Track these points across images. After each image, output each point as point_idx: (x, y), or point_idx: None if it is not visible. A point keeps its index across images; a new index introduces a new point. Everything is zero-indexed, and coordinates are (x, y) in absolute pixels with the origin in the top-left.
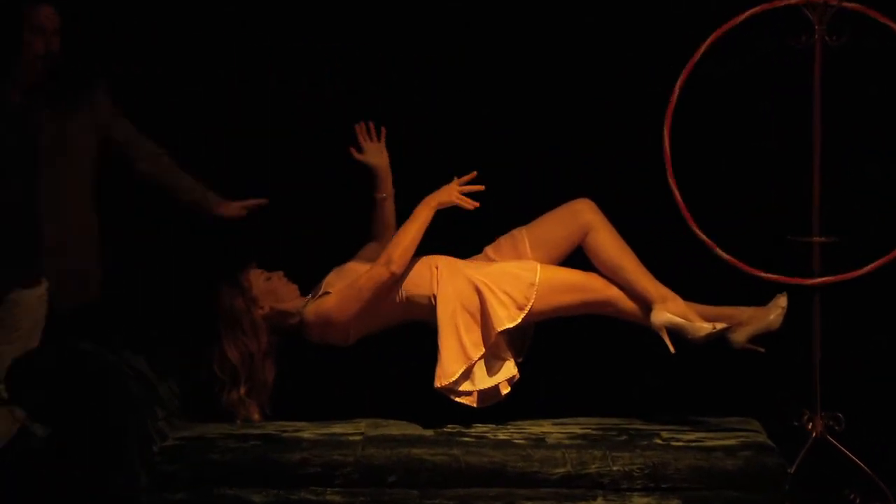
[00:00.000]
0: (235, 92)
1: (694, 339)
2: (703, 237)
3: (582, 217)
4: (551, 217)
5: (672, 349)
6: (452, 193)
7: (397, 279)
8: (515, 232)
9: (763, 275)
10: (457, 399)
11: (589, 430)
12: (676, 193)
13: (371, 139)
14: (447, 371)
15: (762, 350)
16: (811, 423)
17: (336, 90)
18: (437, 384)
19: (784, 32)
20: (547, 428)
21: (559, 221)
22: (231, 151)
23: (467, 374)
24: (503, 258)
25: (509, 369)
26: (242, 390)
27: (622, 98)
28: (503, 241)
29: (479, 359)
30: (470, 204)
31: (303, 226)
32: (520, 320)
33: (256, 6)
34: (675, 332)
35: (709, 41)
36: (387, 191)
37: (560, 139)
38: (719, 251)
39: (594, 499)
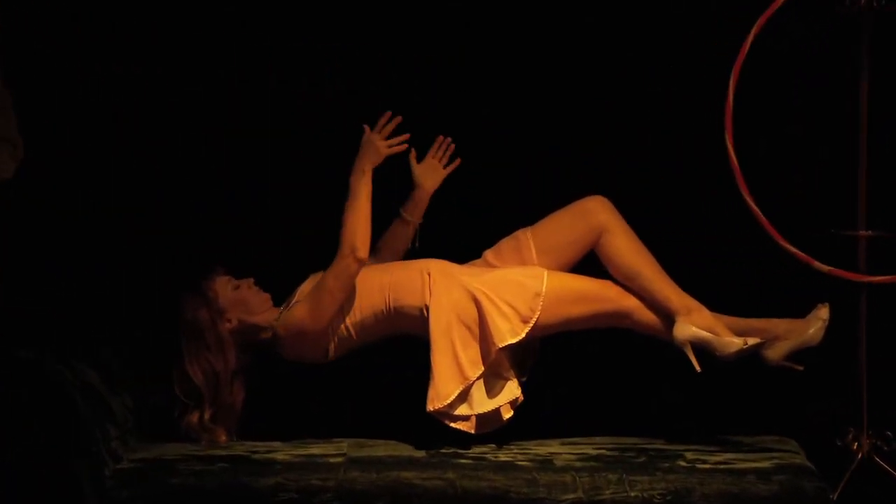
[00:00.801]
0: (235, 92)
1: (722, 357)
2: (793, 249)
3: (595, 217)
4: (560, 217)
5: (698, 367)
6: (380, 148)
7: (364, 266)
8: (519, 234)
9: (827, 268)
10: (452, 424)
11: (603, 451)
12: (750, 201)
13: (438, 156)
14: (441, 393)
15: (800, 368)
16: (857, 443)
17: (336, 90)
18: (430, 407)
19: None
20: (555, 448)
21: (569, 222)
22: (227, 151)
23: (464, 396)
24: (505, 264)
25: (512, 390)
26: (206, 415)
27: (638, 86)
28: (505, 244)
29: (478, 379)
30: (399, 146)
31: (276, 226)
32: (524, 335)
33: (256, 6)
34: (702, 348)
35: (756, 27)
36: (415, 216)
37: (571, 130)
38: (818, 264)
39: None
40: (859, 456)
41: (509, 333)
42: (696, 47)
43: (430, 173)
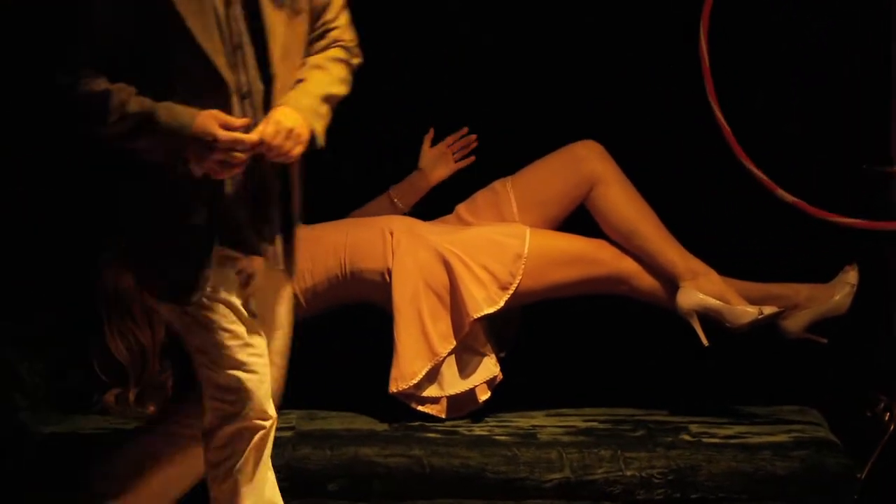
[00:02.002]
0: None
1: (734, 328)
2: (758, 172)
3: (586, 165)
4: (545, 165)
5: (705, 341)
6: None
7: None
8: (497, 185)
9: (838, 219)
10: (420, 407)
11: (595, 423)
12: (718, 113)
13: (454, 147)
14: (406, 372)
15: (824, 341)
16: (888, 413)
17: None
18: (394, 388)
19: None
20: (539, 420)
21: (556, 171)
22: None
23: (433, 376)
24: (481, 220)
25: (489, 368)
26: (131, 396)
27: (641, 10)
28: (481, 197)
29: (449, 355)
30: None
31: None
32: (502, 303)
33: None
34: (710, 318)
35: None
36: (406, 202)
37: (559, 62)
38: (781, 192)
39: None
40: (891, 428)
41: (485, 302)
42: None
43: (440, 163)
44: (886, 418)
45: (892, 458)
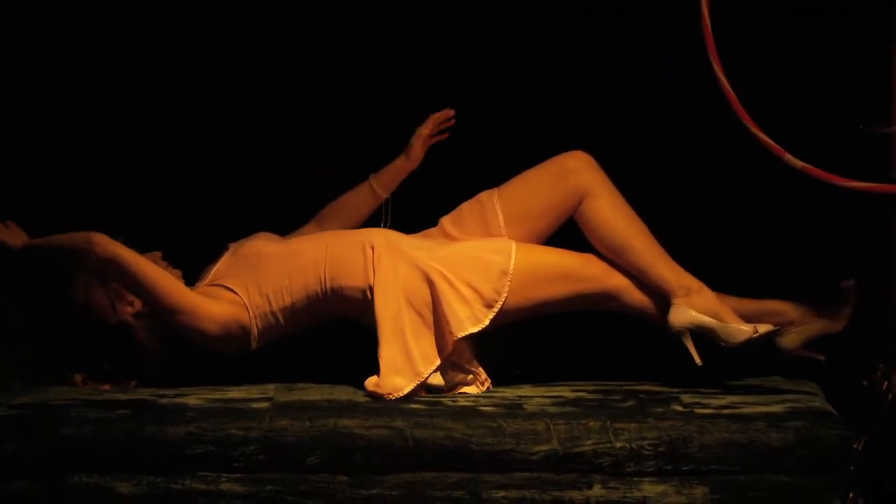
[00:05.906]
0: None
1: (728, 346)
2: (764, 137)
3: (575, 178)
4: (533, 176)
5: (698, 360)
6: None
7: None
8: (483, 196)
9: (850, 183)
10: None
11: (583, 394)
12: (722, 77)
13: (431, 131)
14: (388, 387)
15: (821, 358)
16: (886, 382)
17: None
18: (372, 388)
19: None
20: (525, 391)
21: (544, 183)
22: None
23: (416, 392)
24: (466, 234)
25: (476, 387)
26: (106, 386)
27: (632, 13)
28: (466, 209)
29: (431, 374)
30: None
31: (186, 186)
32: (487, 322)
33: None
34: (703, 336)
35: None
36: (386, 189)
37: (549, 68)
38: (789, 157)
39: (589, 486)
40: (889, 397)
41: (469, 321)
42: None
43: (420, 143)
44: (884, 387)
45: (890, 427)
